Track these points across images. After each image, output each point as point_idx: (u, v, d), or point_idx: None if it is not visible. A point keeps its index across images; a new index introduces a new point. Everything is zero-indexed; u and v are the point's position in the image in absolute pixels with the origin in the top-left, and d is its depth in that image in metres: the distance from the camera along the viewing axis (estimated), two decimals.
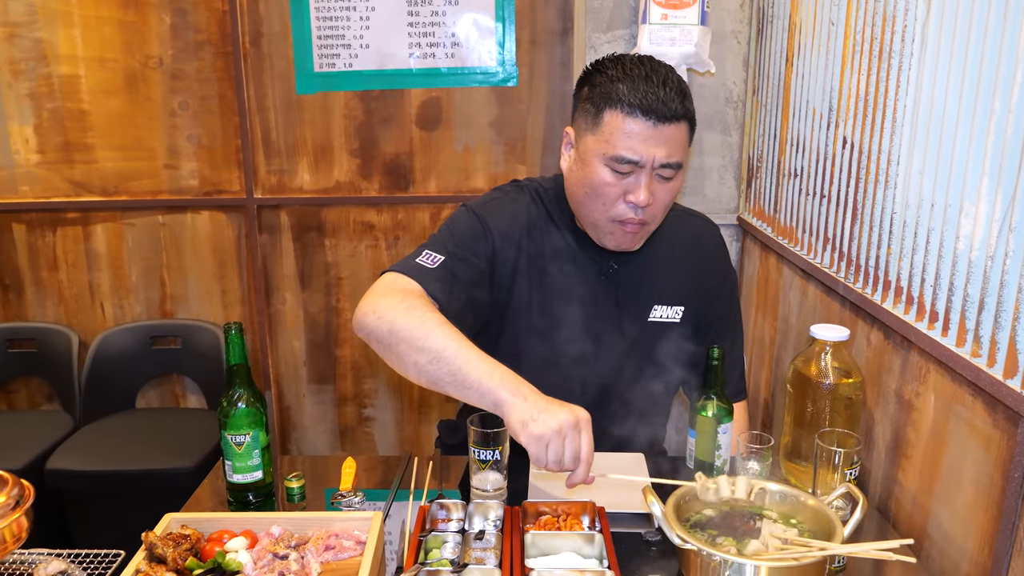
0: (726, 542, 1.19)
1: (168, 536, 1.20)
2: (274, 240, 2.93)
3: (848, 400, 1.44)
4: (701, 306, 1.63)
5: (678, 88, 1.37)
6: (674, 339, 1.61)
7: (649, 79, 1.36)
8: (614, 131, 1.37)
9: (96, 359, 2.86)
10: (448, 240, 1.51)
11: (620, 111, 1.36)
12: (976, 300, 1.20)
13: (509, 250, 1.54)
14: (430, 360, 1.28)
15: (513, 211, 1.57)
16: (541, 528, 1.28)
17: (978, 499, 1.20)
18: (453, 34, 2.72)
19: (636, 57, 1.42)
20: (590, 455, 1.22)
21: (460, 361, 1.27)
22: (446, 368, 1.27)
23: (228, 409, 1.40)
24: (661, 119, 1.35)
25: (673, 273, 1.60)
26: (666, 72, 1.39)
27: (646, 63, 1.40)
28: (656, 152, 1.36)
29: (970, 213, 1.22)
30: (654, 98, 1.34)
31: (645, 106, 1.34)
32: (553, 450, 1.19)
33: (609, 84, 1.38)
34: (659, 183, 1.40)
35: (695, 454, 1.49)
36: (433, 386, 1.31)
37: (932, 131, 1.33)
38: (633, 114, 1.35)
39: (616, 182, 1.40)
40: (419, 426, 3.11)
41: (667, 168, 1.39)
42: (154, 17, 2.74)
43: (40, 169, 2.87)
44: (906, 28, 1.42)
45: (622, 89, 1.36)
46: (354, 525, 1.28)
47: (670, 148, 1.37)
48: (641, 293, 1.59)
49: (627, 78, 1.37)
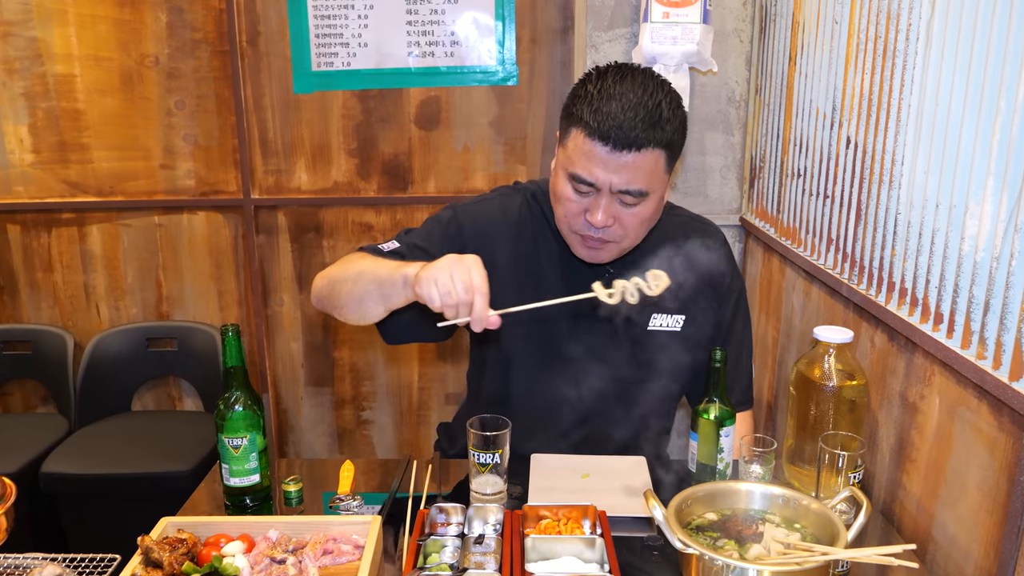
0: (728, 546, 1.19)
1: (164, 540, 1.20)
2: (271, 241, 2.93)
3: (852, 403, 1.44)
4: (704, 316, 1.61)
5: (649, 115, 1.31)
6: (674, 349, 1.60)
7: (618, 101, 1.31)
8: (575, 149, 1.35)
9: (91, 361, 2.86)
10: (417, 232, 1.56)
11: (582, 131, 1.34)
12: (981, 301, 1.20)
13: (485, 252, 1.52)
14: (354, 281, 1.38)
15: (499, 213, 1.57)
16: (541, 532, 1.28)
17: (983, 503, 1.20)
18: (452, 32, 2.73)
19: (620, 73, 1.36)
20: (483, 287, 1.19)
21: (376, 267, 1.35)
22: (368, 279, 1.35)
23: (225, 412, 1.40)
24: (619, 146, 1.31)
25: (675, 279, 1.58)
26: (642, 95, 1.32)
27: (627, 81, 1.34)
28: (613, 178, 1.33)
29: (975, 214, 1.22)
30: (614, 123, 1.30)
31: (603, 131, 1.31)
32: (442, 283, 1.19)
33: (581, 101, 1.35)
34: (622, 207, 1.38)
35: (697, 457, 1.49)
36: (364, 306, 1.38)
37: (937, 131, 1.33)
38: (592, 137, 1.32)
39: (577, 199, 1.39)
40: (418, 429, 3.11)
41: (627, 195, 1.35)
42: (150, 15, 2.74)
43: (35, 169, 2.87)
44: (911, 26, 1.42)
45: (586, 110, 1.33)
46: (352, 529, 1.28)
47: (630, 175, 1.33)
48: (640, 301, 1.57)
49: (597, 98, 1.33)
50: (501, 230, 1.56)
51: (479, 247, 1.52)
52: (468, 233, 1.55)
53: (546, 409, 1.62)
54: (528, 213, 1.58)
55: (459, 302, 1.19)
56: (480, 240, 1.54)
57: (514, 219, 1.57)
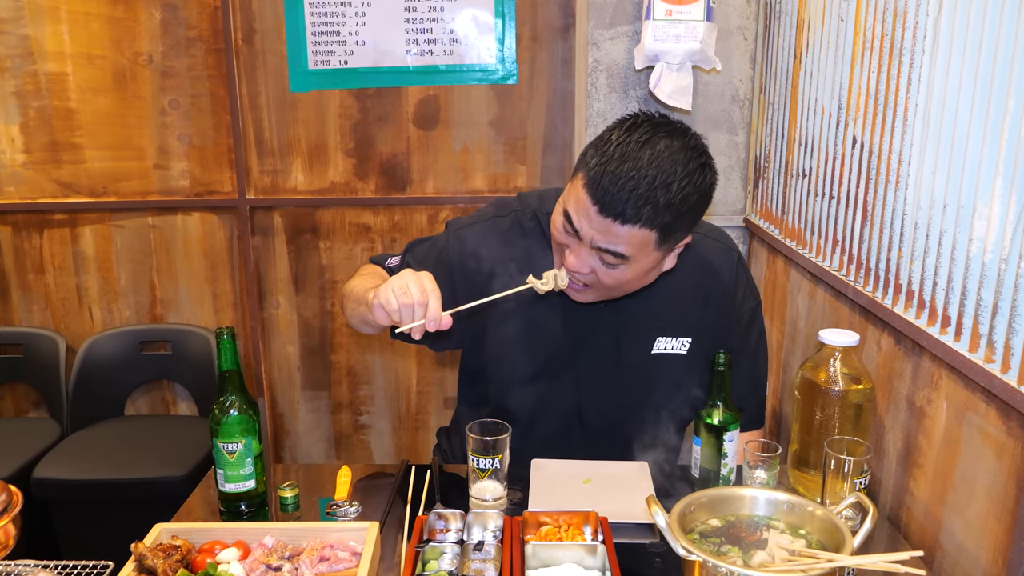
0: (732, 553, 1.19)
1: (158, 547, 1.20)
2: (267, 242, 2.93)
3: (858, 407, 1.44)
4: (712, 338, 1.58)
5: (647, 195, 1.26)
6: (680, 373, 1.58)
7: (622, 165, 1.27)
8: (574, 192, 1.34)
9: (84, 365, 2.86)
10: (418, 252, 1.64)
11: (583, 177, 1.31)
12: (989, 304, 1.20)
13: (477, 279, 1.54)
14: (350, 298, 1.54)
15: (488, 240, 1.57)
16: (542, 539, 1.28)
17: (992, 509, 1.20)
18: (451, 30, 2.73)
19: (652, 132, 1.30)
20: (437, 291, 1.29)
21: (360, 289, 1.49)
22: (354, 298, 1.51)
23: (220, 416, 1.40)
24: (606, 212, 1.28)
25: (680, 303, 1.56)
26: (654, 171, 1.26)
27: (648, 148, 1.28)
28: (594, 235, 1.31)
29: (983, 215, 1.22)
30: (606, 189, 1.27)
31: (595, 192, 1.28)
32: (398, 287, 1.28)
33: (599, 147, 1.31)
34: (600, 263, 1.35)
35: (700, 462, 1.49)
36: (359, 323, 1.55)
37: (944, 130, 1.34)
38: (588, 189, 1.30)
39: (564, 236, 1.38)
40: (416, 434, 3.11)
41: (607, 253, 1.33)
42: (144, 13, 2.74)
43: (26, 169, 2.87)
44: (917, 24, 1.42)
45: (595, 160, 1.30)
46: (349, 536, 1.28)
47: (613, 238, 1.30)
48: (644, 323, 1.56)
49: (610, 154, 1.29)
50: (490, 258, 1.55)
51: (468, 275, 1.55)
52: (457, 263, 1.57)
53: (548, 437, 1.62)
54: (520, 235, 1.56)
55: (415, 302, 1.27)
56: (469, 268, 1.55)
57: (502, 245, 1.56)
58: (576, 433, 1.62)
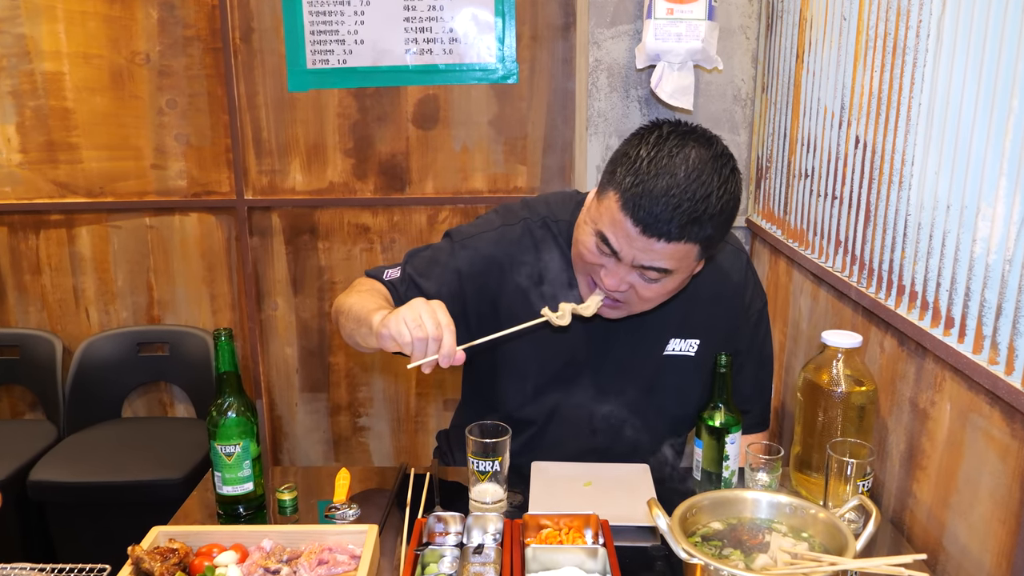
0: (734, 556, 1.19)
1: (155, 550, 1.20)
2: (265, 243, 2.93)
3: (861, 409, 1.44)
4: (721, 340, 1.58)
5: (692, 210, 1.24)
6: (688, 374, 1.59)
7: (664, 184, 1.24)
8: (607, 212, 1.31)
9: (81, 366, 2.86)
10: (418, 263, 1.57)
11: (618, 199, 1.28)
12: (993, 305, 1.20)
13: (488, 290, 1.53)
14: (348, 316, 1.45)
15: (497, 250, 1.54)
16: (542, 542, 1.28)
17: (996, 512, 1.20)
18: (451, 29, 2.73)
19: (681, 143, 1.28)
20: (452, 325, 1.24)
21: (359, 307, 1.41)
22: (353, 316, 1.42)
23: (218, 418, 1.40)
24: (651, 234, 1.26)
25: (690, 305, 1.55)
26: (692, 184, 1.24)
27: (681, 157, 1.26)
28: (636, 253, 1.30)
29: (987, 215, 1.22)
30: (650, 211, 1.24)
31: (638, 215, 1.25)
32: (412, 319, 1.22)
33: (629, 165, 1.28)
34: (640, 279, 1.35)
35: (702, 464, 1.49)
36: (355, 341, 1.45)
37: (948, 130, 1.34)
38: (625, 211, 1.27)
39: (597, 256, 1.36)
40: (416, 436, 3.11)
41: (650, 270, 1.32)
42: (141, 12, 2.75)
43: (22, 169, 2.87)
44: (921, 23, 1.42)
45: (630, 180, 1.27)
46: (348, 539, 1.28)
47: (655, 256, 1.30)
48: (656, 325, 1.55)
49: (644, 171, 1.26)
50: (501, 268, 1.53)
51: (480, 287, 1.53)
52: (467, 274, 1.53)
53: (558, 442, 1.62)
54: (530, 245, 1.54)
55: (430, 336, 1.22)
56: (480, 280, 1.53)
57: (513, 255, 1.54)
58: (586, 437, 1.62)
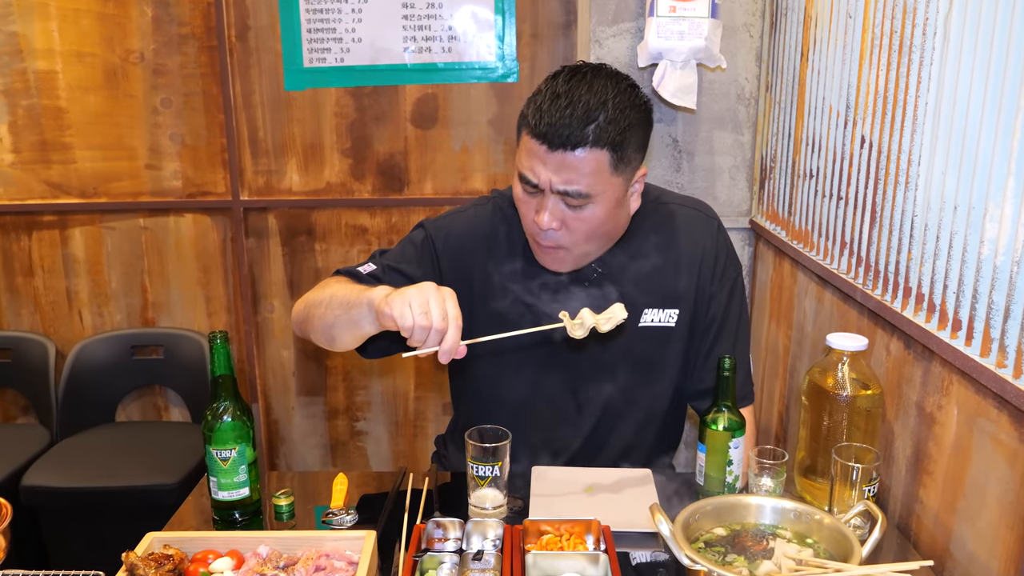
0: (737, 562, 1.19)
1: (150, 556, 1.20)
2: (261, 244, 2.94)
3: (866, 413, 1.44)
4: (696, 308, 1.61)
5: (587, 114, 1.34)
6: (669, 345, 1.61)
7: (556, 100, 1.36)
8: (522, 148, 1.42)
9: (74, 370, 2.86)
10: (392, 253, 1.60)
11: (526, 129, 1.39)
12: (1001, 307, 1.20)
13: (463, 267, 1.57)
14: (326, 306, 1.41)
15: (471, 225, 1.61)
16: (543, 548, 1.28)
17: (1003, 518, 1.20)
18: (450, 27, 2.73)
19: (574, 73, 1.40)
20: (459, 319, 1.22)
21: (346, 290, 1.39)
22: (338, 302, 1.37)
23: (213, 423, 1.41)
24: (555, 145, 1.35)
25: (665, 273, 1.58)
26: (585, 94, 1.36)
27: (576, 80, 1.38)
28: (552, 177, 1.37)
29: (995, 216, 1.22)
30: (548, 122, 1.35)
31: (539, 130, 1.36)
32: (418, 304, 1.20)
33: (532, 100, 1.40)
34: (567, 209, 1.41)
35: (705, 470, 1.49)
36: (335, 331, 1.40)
37: (955, 129, 1.34)
38: (532, 135, 1.38)
39: (527, 199, 1.44)
40: (414, 440, 3.11)
41: (568, 196, 1.38)
42: (135, 9, 2.75)
43: (15, 170, 2.87)
44: (927, 21, 1.42)
45: (531, 108, 1.38)
46: (346, 545, 1.28)
47: (568, 175, 1.37)
48: (630, 297, 1.56)
49: (539, 96, 1.39)
50: (476, 243, 1.59)
51: (454, 262, 1.57)
52: (442, 249, 1.59)
53: (538, 417, 1.62)
54: (502, 220, 1.61)
55: (434, 327, 1.20)
56: (455, 255, 1.58)
57: (486, 230, 1.60)
58: (572, 416, 1.63)
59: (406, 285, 1.41)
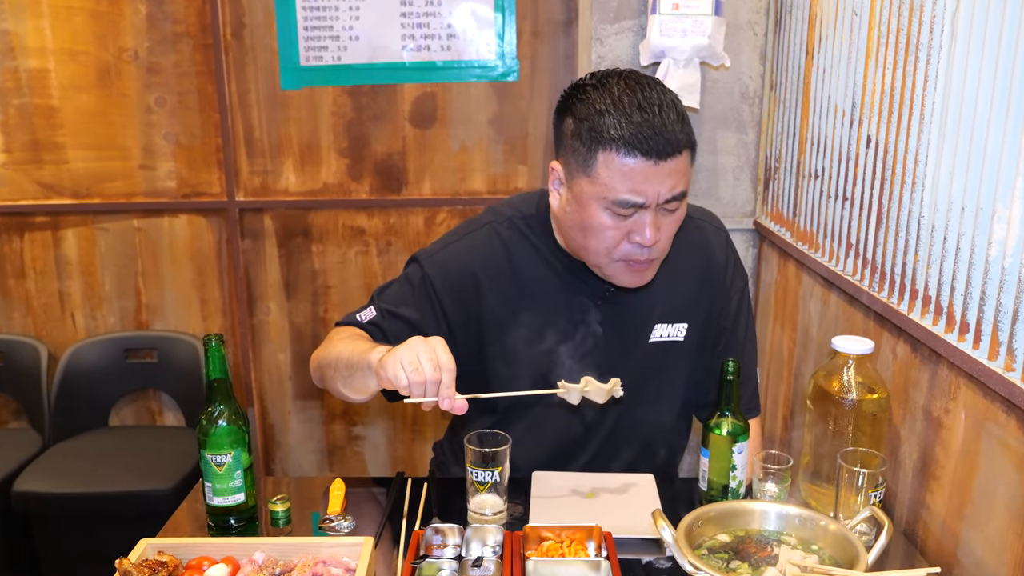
0: (741, 569, 1.19)
1: (144, 563, 1.20)
2: (257, 246, 2.94)
3: (872, 417, 1.44)
4: (706, 321, 1.60)
5: (676, 113, 1.31)
6: (678, 359, 1.60)
7: (644, 109, 1.29)
8: (612, 175, 1.31)
9: (66, 373, 2.86)
10: (390, 295, 1.58)
11: (615, 152, 1.30)
12: (1010, 310, 1.20)
13: (467, 304, 1.54)
14: (335, 367, 1.46)
15: (468, 259, 1.55)
16: (543, 555, 1.28)
17: (1012, 524, 1.20)
18: (449, 25, 2.74)
19: (623, 79, 1.35)
20: (451, 365, 1.25)
21: (348, 353, 1.42)
22: (344, 364, 1.42)
23: (208, 427, 1.40)
24: (663, 155, 1.29)
25: (675, 287, 1.57)
26: (660, 96, 1.32)
27: (635, 87, 1.33)
28: (660, 189, 1.32)
29: (1003, 217, 1.22)
30: (651, 132, 1.28)
31: (644, 145, 1.28)
32: (408, 361, 1.23)
33: (598, 118, 1.31)
34: (664, 216, 1.37)
35: (708, 475, 1.49)
36: (347, 392, 1.46)
37: (962, 129, 1.34)
38: (632, 154, 1.29)
39: (617, 224, 1.36)
40: (412, 445, 3.11)
41: (671, 201, 1.35)
42: (128, 7, 2.75)
43: (6, 170, 2.88)
44: (935, 18, 1.43)
45: (614, 125, 1.29)
46: (343, 551, 1.28)
47: (674, 181, 1.33)
48: (642, 313, 1.56)
49: (617, 110, 1.30)
50: (476, 277, 1.54)
51: (456, 302, 1.54)
52: (441, 288, 1.54)
53: (544, 431, 1.62)
54: (500, 246, 1.55)
55: (427, 380, 1.23)
56: (456, 294, 1.54)
57: (484, 260, 1.55)
58: (578, 431, 1.62)
59: (406, 329, 1.49)
